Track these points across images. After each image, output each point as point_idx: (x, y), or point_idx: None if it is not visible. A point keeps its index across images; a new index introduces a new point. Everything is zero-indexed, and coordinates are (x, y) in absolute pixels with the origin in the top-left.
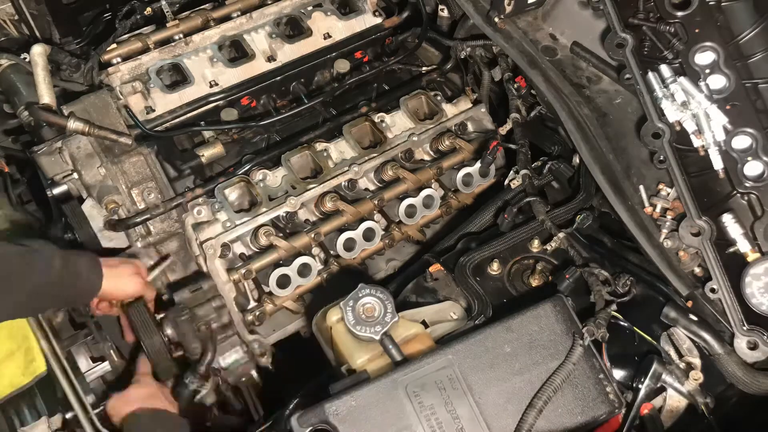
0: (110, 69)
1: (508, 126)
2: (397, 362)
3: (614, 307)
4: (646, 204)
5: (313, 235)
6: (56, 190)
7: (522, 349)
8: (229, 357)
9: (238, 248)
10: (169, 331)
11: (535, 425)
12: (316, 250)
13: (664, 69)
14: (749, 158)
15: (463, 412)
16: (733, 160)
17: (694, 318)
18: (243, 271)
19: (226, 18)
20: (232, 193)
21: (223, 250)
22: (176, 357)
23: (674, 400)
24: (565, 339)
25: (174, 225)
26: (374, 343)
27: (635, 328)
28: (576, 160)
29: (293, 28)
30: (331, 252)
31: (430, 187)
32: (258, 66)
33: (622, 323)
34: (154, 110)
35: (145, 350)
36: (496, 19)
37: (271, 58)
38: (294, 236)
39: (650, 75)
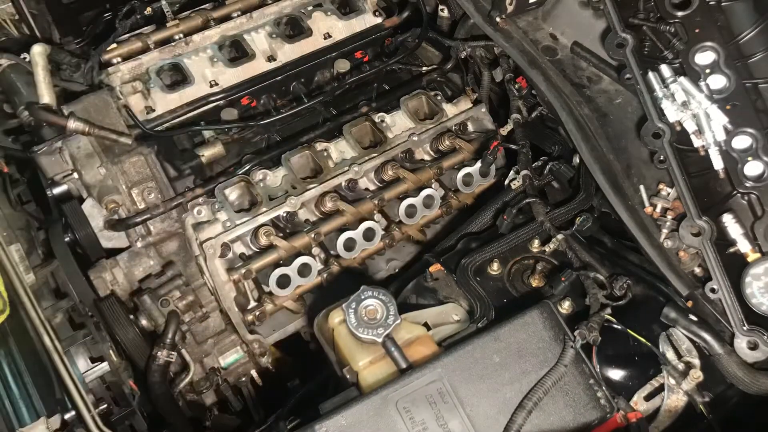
0: (110, 69)
1: (509, 126)
2: (402, 368)
3: (608, 310)
4: (647, 204)
5: (313, 235)
6: (56, 190)
7: (511, 358)
8: (229, 357)
9: (238, 248)
10: (143, 321)
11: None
12: (316, 250)
13: (665, 69)
14: (749, 158)
15: (454, 426)
16: (734, 160)
17: (694, 318)
18: (243, 271)
19: (226, 18)
20: (232, 193)
21: (223, 250)
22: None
23: (672, 400)
24: (553, 346)
25: (174, 225)
26: (376, 345)
27: (629, 330)
28: (576, 160)
29: (293, 28)
30: (332, 252)
31: (431, 187)
32: (258, 66)
33: (615, 326)
34: (154, 110)
35: (122, 344)
36: (498, 19)
37: (271, 58)
38: (294, 236)
39: (650, 75)
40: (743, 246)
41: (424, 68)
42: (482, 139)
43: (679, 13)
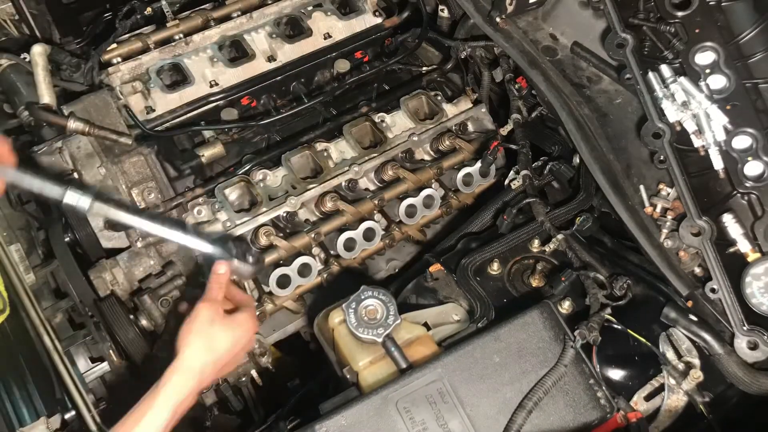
0: (110, 69)
1: (509, 126)
2: (402, 368)
3: (608, 310)
4: (647, 204)
5: (313, 235)
6: None
7: (511, 358)
8: None
9: None
10: (143, 321)
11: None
12: (316, 250)
13: (665, 69)
14: (749, 158)
15: (454, 426)
16: (734, 160)
17: (694, 318)
18: None
19: (226, 18)
20: (232, 193)
21: None
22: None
23: (672, 400)
24: (553, 346)
25: None
26: (376, 345)
27: (629, 330)
28: (576, 160)
29: (293, 28)
30: (332, 252)
31: (431, 187)
32: (258, 66)
33: (615, 326)
34: (154, 110)
35: (122, 344)
36: (498, 19)
37: (271, 58)
38: (294, 236)
39: (650, 75)
40: (743, 246)
41: (424, 68)
42: (482, 139)
43: (679, 13)
